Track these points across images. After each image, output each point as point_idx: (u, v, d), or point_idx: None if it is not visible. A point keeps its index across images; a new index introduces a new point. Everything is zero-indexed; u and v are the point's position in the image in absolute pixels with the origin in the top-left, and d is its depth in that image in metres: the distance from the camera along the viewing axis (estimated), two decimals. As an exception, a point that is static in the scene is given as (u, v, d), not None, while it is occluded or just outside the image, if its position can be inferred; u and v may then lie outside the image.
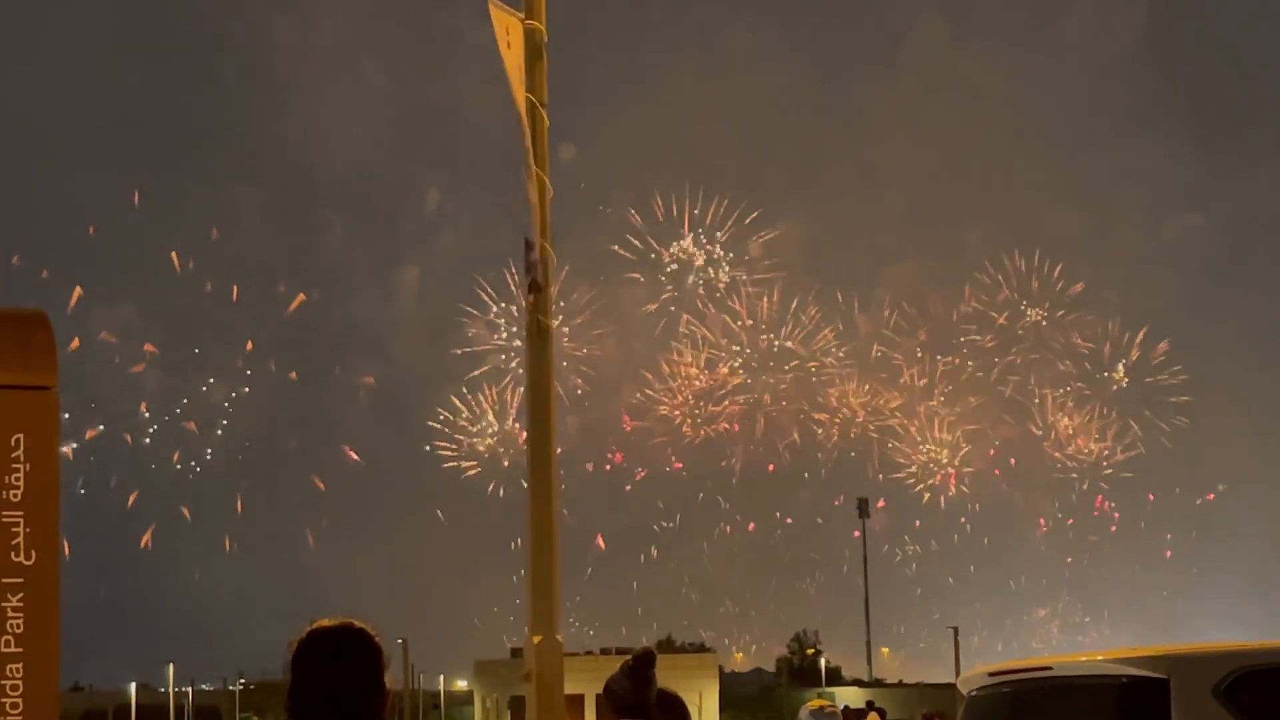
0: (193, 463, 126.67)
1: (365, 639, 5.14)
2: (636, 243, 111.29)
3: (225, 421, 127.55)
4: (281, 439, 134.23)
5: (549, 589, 12.51)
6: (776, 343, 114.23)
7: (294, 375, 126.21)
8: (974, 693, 9.76)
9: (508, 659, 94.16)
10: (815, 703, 12.15)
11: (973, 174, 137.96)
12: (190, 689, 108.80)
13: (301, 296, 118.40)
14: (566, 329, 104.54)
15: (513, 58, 12.97)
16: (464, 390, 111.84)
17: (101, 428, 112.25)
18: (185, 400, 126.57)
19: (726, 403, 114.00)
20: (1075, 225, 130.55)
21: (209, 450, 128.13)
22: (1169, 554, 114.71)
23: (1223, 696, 8.26)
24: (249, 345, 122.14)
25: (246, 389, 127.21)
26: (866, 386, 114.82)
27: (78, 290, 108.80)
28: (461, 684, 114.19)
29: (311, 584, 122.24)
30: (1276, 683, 8.49)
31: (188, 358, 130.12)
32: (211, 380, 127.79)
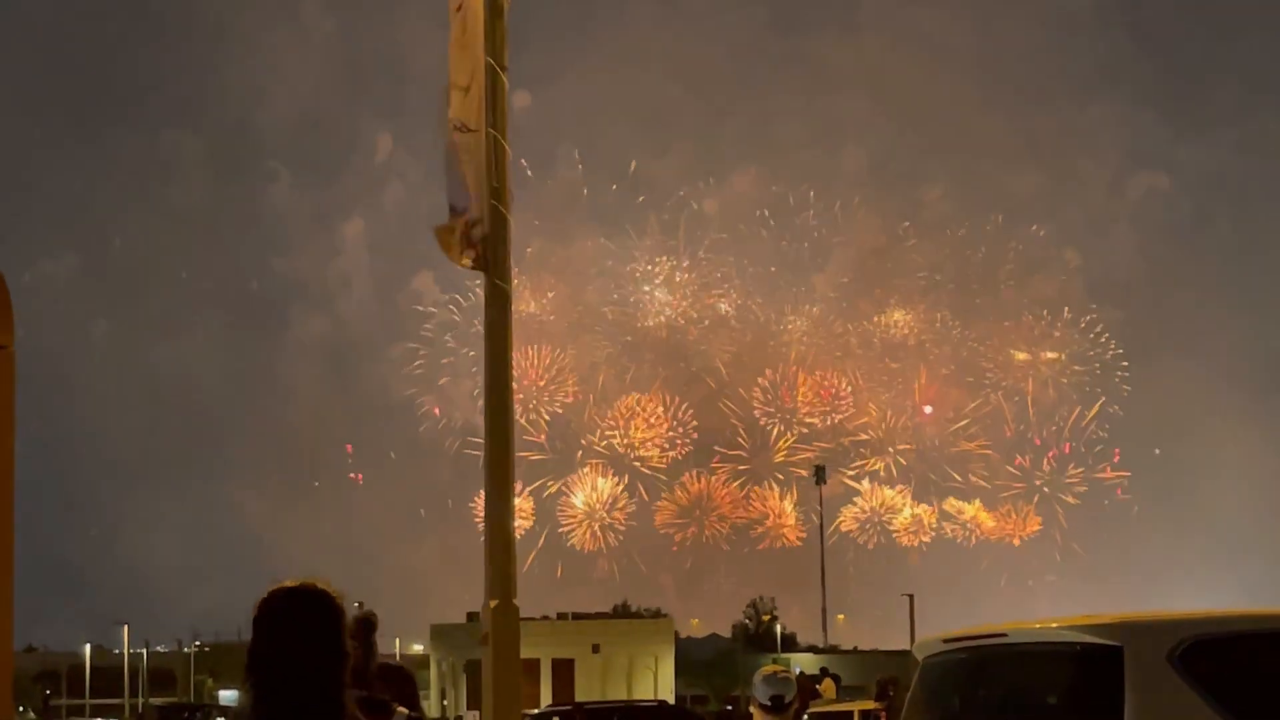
0: (142, 425, 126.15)
1: (326, 600, 5.13)
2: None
3: (172, 382, 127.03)
4: (229, 399, 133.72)
5: (505, 554, 12.49)
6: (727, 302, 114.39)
7: (237, 333, 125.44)
8: (929, 659, 9.79)
9: (464, 623, 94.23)
10: (770, 667, 12.18)
11: (933, 131, 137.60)
12: (145, 651, 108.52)
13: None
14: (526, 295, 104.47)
15: (459, 22, 12.81)
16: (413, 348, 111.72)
17: (50, 387, 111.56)
18: (133, 361, 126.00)
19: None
20: (1036, 185, 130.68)
21: (157, 412, 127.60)
22: (1136, 517, 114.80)
23: (1176, 664, 8.31)
24: (196, 302, 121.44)
25: (193, 348, 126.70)
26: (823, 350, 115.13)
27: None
28: (418, 648, 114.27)
29: (264, 546, 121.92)
30: (1229, 651, 8.56)
31: (132, 315, 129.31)
32: (158, 341, 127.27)
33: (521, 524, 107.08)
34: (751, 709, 11.72)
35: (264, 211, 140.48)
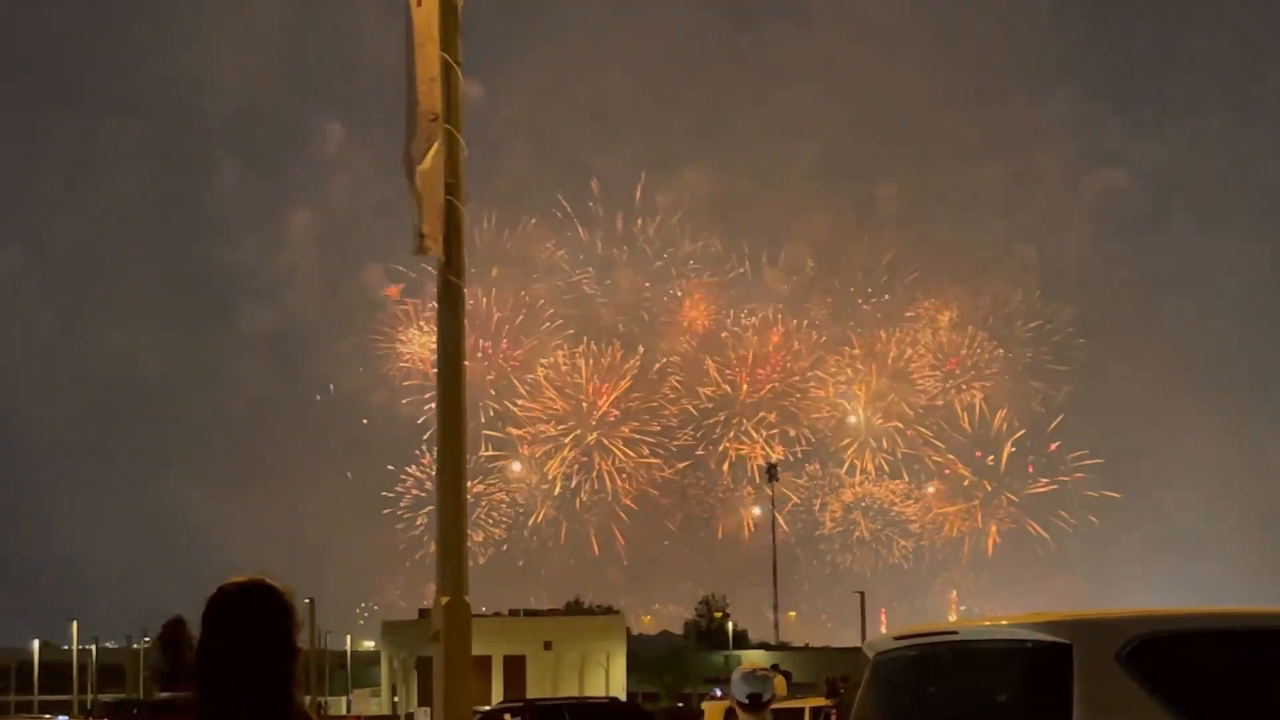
0: (87, 417, 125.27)
1: (276, 596, 5.12)
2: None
3: (117, 374, 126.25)
4: (175, 391, 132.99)
5: (458, 550, 12.48)
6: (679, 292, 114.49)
7: (182, 325, 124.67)
8: (880, 656, 9.81)
9: (415, 620, 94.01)
10: (748, 665, 12.30)
11: (888, 126, 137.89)
12: (94, 647, 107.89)
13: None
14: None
15: (422, 15, 12.76)
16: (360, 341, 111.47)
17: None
18: (77, 353, 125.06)
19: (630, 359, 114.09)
20: (992, 180, 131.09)
21: (103, 405, 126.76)
22: (1087, 513, 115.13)
23: (1125, 662, 8.34)
24: (140, 293, 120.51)
25: (138, 340, 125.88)
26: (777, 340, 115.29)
27: None
28: (368, 644, 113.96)
29: (211, 541, 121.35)
30: (1177, 649, 8.59)
31: (76, 307, 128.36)
32: (103, 333, 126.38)
33: (493, 530, 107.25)
34: (704, 705, 11.79)
35: (210, 202, 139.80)
